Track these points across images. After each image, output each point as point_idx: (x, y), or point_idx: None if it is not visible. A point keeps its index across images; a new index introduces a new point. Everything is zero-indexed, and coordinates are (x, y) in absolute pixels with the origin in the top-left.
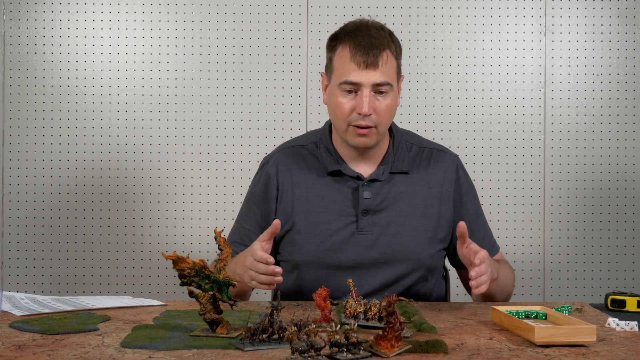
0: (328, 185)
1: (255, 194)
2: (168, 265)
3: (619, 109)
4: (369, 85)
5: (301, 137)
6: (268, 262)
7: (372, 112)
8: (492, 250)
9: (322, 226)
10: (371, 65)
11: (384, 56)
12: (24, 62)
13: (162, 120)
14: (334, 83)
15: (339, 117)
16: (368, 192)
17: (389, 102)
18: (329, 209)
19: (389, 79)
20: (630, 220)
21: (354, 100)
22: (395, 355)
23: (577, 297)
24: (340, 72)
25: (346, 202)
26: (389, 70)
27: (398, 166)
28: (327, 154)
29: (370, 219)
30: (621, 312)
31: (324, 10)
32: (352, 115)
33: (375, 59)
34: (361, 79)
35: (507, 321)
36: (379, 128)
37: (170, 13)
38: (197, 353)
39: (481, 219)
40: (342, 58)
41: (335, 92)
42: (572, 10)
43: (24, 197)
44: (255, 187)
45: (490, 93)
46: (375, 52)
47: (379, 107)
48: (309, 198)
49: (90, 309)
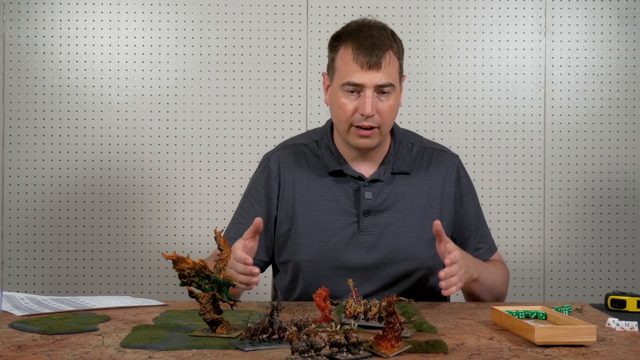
0: (329, 185)
1: (256, 190)
2: (168, 265)
3: (619, 109)
4: (371, 87)
5: (303, 136)
6: (247, 262)
7: (374, 113)
8: (489, 251)
9: (323, 226)
10: (374, 67)
11: (386, 57)
12: (24, 62)
13: (162, 120)
14: (337, 84)
15: (342, 118)
16: (369, 192)
17: (391, 103)
18: (330, 208)
19: (391, 79)
20: (630, 220)
21: (356, 101)
22: (395, 355)
23: (577, 297)
24: (343, 73)
25: (348, 202)
26: (391, 71)
27: (399, 166)
28: (329, 154)
29: (371, 219)
30: (621, 312)
31: (324, 10)
32: (354, 116)
33: (378, 60)
34: (364, 80)
35: (507, 321)
36: (381, 129)
37: (170, 13)
38: (197, 353)
39: (480, 220)
40: (344, 59)
41: (337, 93)
42: (572, 10)
43: (24, 197)
44: (256, 184)
45: (490, 93)
46: (378, 53)
47: (382, 108)
48: (310, 197)
49: (90, 309)
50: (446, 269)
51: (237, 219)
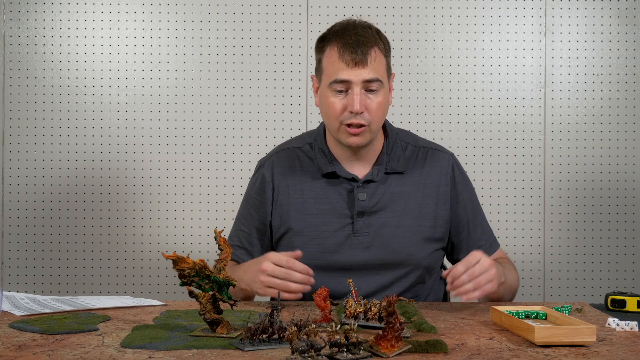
0: (323, 188)
1: (252, 197)
2: (168, 265)
3: (619, 109)
4: (359, 83)
5: (296, 139)
6: (309, 272)
7: (363, 109)
8: (490, 247)
9: (318, 228)
10: (360, 63)
11: (372, 53)
12: (24, 62)
13: (162, 120)
14: (324, 84)
15: (331, 117)
16: (363, 193)
17: (380, 100)
18: (324, 211)
19: (378, 75)
20: (630, 220)
21: (345, 100)
22: (395, 355)
23: (577, 297)
24: (330, 72)
25: (342, 203)
26: (378, 67)
27: (393, 166)
28: (322, 155)
29: (366, 220)
30: (621, 312)
31: (324, 11)
32: (344, 114)
33: (364, 57)
34: (350, 77)
35: (507, 321)
36: (371, 126)
37: (170, 13)
38: (197, 353)
39: (479, 217)
40: (330, 58)
41: (326, 92)
42: (572, 10)
43: (24, 197)
44: (252, 190)
45: (490, 93)
46: (364, 50)
47: (371, 105)
48: (304, 200)
49: (90, 309)
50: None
51: (237, 225)
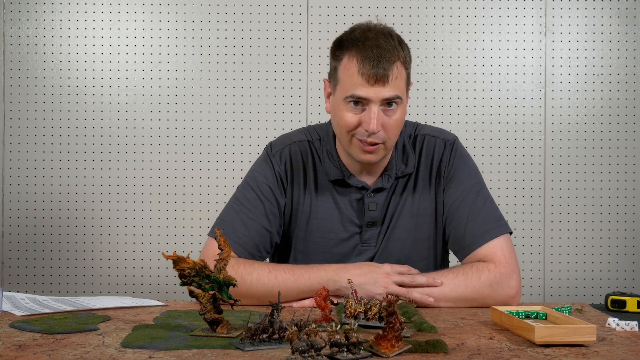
0: (332, 193)
1: (264, 185)
2: (168, 265)
3: (619, 109)
4: (377, 101)
5: (306, 131)
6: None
7: (380, 129)
8: (480, 237)
9: (324, 235)
10: (380, 80)
11: (394, 70)
12: (24, 62)
13: (162, 120)
14: (339, 96)
15: (344, 130)
16: (374, 203)
17: (397, 117)
18: (332, 217)
19: (399, 92)
20: (630, 220)
21: (360, 115)
22: (395, 355)
23: (577, 297)
24: (347, 86)
25: (351, 212)
26: (399, 84)
27: (403, 170)
28: (329, 160)
29: (374, 231)
30: (621, 312)
31: (324, 11)
32: (358, 129)
33: (385, 73)
34: (369, 95)
35: (507, 321)
36: (386, 144)
37: (170, 13)
38: (197, 353)
39: (465, 207)
40: (348, 70)
41: (340, 105)
42: (572, 10)
43: (24, 197)
44: (265, 178)
45: (490, 93)
46: (385, 66)
47: (388, 123)
48: (312, 201)
49: (90, 309)
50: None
51: (245, 213)
